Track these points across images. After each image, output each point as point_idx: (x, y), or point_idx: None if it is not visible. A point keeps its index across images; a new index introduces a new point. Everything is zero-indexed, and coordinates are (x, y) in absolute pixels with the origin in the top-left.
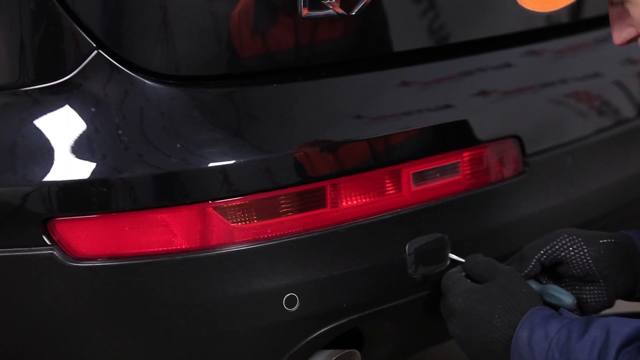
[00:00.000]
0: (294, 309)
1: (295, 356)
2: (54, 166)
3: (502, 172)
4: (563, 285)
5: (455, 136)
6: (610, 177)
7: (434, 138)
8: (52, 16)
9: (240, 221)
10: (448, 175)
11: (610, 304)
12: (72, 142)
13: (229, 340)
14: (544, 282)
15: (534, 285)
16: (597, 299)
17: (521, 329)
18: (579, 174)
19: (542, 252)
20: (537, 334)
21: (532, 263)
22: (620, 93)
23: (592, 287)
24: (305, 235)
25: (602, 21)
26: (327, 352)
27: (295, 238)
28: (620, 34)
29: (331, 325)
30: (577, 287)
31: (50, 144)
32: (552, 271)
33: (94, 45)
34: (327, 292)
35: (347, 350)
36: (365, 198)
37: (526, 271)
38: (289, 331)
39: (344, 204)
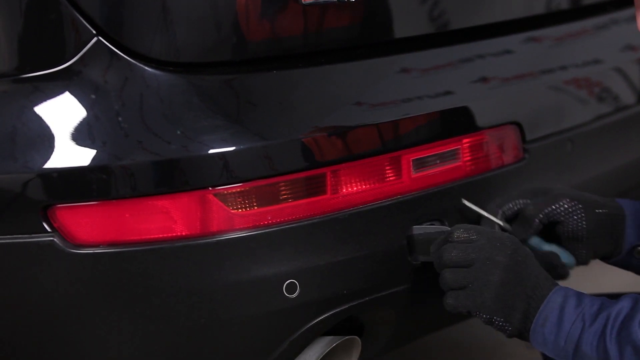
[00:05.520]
0: (294, 295)
1: (295, 343)
2: (54, 153)
3: (502, 158)
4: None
5: (455, 123)
6: (609, 163)
7: (434, 124)
8: (51, 3)
9: (241, 208)
10: (448, 162)
11: (586, 263)
12: (72, 129)
13: (228, 327)
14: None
15: (538, 240)
16: (576, 256)
17: (555, 294)
18: (579, 161)
19: (543, 213)
20: (571, 300)
21: (536, 223)
22: (619, 80)
23: (575, 246)
24: (306, 222)
25: (602, 8)
26: (327, 339)
27: (295, 224)
28: None
29: (331, 312)
30: (560, 242)
31: (50, 131)
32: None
33: (94, 32)
34: (328, 279)
35: (347, 337)
36: (365, 184)
37: (531, 231)
38: (289, 318)
39: (344, 190)
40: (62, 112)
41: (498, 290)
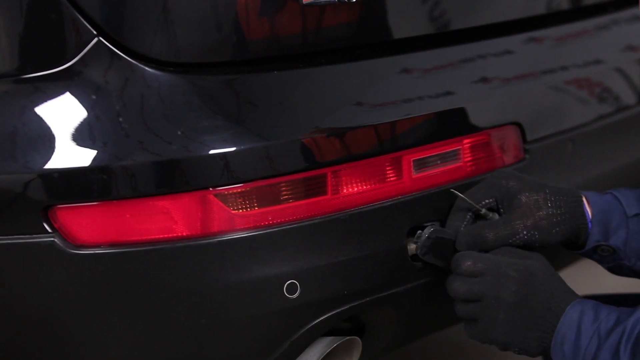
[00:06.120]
0: (294, 296)
1: (296, 343)
2: (54, 153)
3: (503, 158)
4: None
5: (456, 123)
6: (610, 164)
7: (434, 125)
8: (52, 3)
9: (241, 208)
10: (449, 162)
11: None
12: (73, 130)
13: (229, 327)
14: None
15: None
16: None
17: (572, 310)
18: (580, 161)
19: (500, 244)
20: (587, 316)
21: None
22: (620, 80)
23: None
24: (306, 222)
25: (603, 8)
26: (327, 339)
27: (296, 225)
28: None
29: (332, 312)
30: None
31: (51, 132)
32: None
33: (95, 32)
34: (328, 279)
35: (348, 338)
36: (366, 185)
37: None
38: (290, 318)
39: (344, 191)
40: (63, 113)
41: (505, 328)
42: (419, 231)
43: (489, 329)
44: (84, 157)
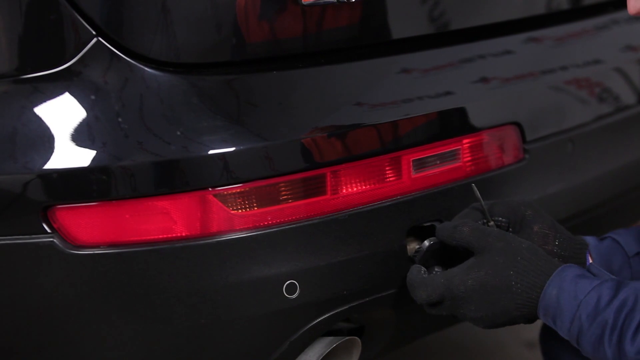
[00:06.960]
0: (294, 296)
1: (296, 343)
2: (54, 154)
3: (502, 158)
4: None
5: (455, 123)
6: (610, 164)
7: (434, 125)
8: (51, 4)
9: (241, 208)
10: (448, 162)
11: None
12: (72, 130)
13: (229, 327)
14: None
15: None
16: None
17: (550, 287)
18: (579, 161)
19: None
20: (566, 293)
21: None
22: (620, 80)
23: None
24: (306, 223)
25: (603, 8)
26: (327, 340)
27: (295, 225)
28: (636, 3)
29: (331, 313)
30: None
31: (50, 132)
32: None
33: (94, 32)
34: (328, 280)
35: (347, 338)
36: (365, 185)
37: None
38: (289, 318)
39: (344, 191)
40: (62, 113)
41: (489, 325)
42: (417, 247)
43: (479, 325)
44: (83, 157)
